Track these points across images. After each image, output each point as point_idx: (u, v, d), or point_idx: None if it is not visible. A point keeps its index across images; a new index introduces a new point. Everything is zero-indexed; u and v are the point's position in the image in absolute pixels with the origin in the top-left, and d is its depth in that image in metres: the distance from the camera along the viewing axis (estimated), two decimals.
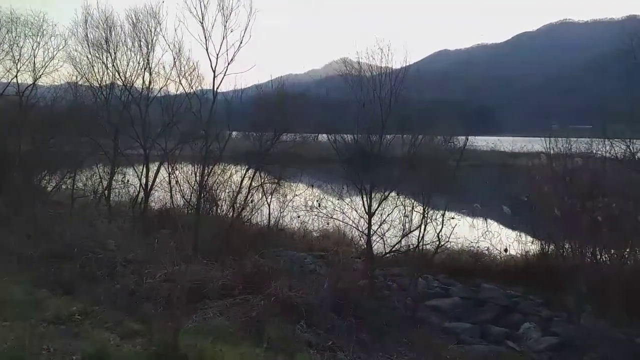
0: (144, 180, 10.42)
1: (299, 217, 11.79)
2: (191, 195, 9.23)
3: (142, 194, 10.52)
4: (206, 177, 8.77)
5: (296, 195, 12.09)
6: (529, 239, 10.46)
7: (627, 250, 8.03)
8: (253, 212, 10.20)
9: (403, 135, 9.99)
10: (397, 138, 10.91)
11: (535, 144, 11.21)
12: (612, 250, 8.25)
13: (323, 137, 11.28)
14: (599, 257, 8.29)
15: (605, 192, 8.95)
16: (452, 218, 12.56)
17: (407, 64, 8.77)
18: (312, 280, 6.69)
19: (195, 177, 9.11)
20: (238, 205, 9.04)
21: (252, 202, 10.01)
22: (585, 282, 6.95)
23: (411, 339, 6.29)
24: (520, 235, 10.78)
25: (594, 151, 9.54)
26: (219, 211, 9.27)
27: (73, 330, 4.82)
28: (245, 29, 8.69)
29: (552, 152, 10.36)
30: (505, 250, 10.38)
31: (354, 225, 8.39)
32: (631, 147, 8.13)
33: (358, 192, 8.40)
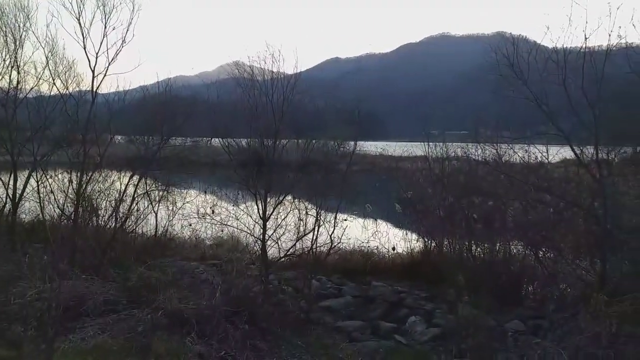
0: (11, 190, 9.34)
1: (190, 225, 11.35)
2: (64, 205, 8.44)
3: (9, 205, 9.42)
4: (84, 185, 8.09)
5: (187, 202, 11.63)
6: (414, 236, 11.07)
7: (497, 244, 8.85)
8: (138, 222, 9.60)
9: (298, 141, 10.11)
10: (291, 143, 11.01)
11: (419, 148, 11.96)
12: (485, 245, 9.07)
13: (217, 141, 11.02)
14: (474, 251, 9.09)
15: (478, 191, 9.85)
16: (345, 220, 12.97)
17: (299, 70, 8.89)
18: (204, 290, 6.47)
19: (72, 185, 8.36)
20: (121, 214, 8.46)
21: (137, 210, 9.43)
22: (462, 275, 7.53)
23: (305, 341, 6.36)
24: (406, 234, 11.39)
25: (468, 154, 10.42)
26: (99, 221, 8.59)
27: None
28: (128, 27, 8.21)
29: (432, 155, 11.18)
30: (393, 248, 10.93)
31: (248, 231, 8.28)
32: (498, 151, 9.02)
33: (253, 197, 8.29)
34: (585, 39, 6.62)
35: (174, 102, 9.89)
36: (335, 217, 8.27)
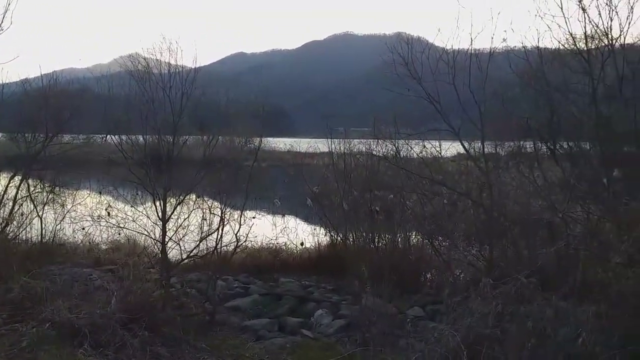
0: None
1: (83, 229, 10.54)
2: None
3: None
4: None
5: (79, 204, 10.78)
6: (322, 231, 11.23)
7: (398, 235, 9.26)
8: (22, 227, 8.73)
9: (204, 137, 9.80)
10: (195, 139, 10.63)
11: (325, 145, 12.15)
12: (387, 236, 9.45)
13: (112, 138, 10.35)
14: (377, 242, 9.43)
15: (380, 185, 10.23)
16: (254, 217, 12.80)
17: (200, 64, 8.60)
18: (98, 298, 6.04)
19: None
20: (1, 220, 7.63)
21: (20, 215, 8.56)
22: (366, 266, 7.76)
23: (210, 343, 6.19)
24: (314, 229, 11.53)
25: (370, 150, 10.79)
26: None
27: None
28: (5, 14, 7.41)
29: (337, 151, 11.46)
30: (302, 243, 11.02)
31: (146, 233, 7.87)
32: (396, 147, 9.46)
33: (152, 197, 7.88)
34: (471, 41, 7.11)
35: (60, 96, 9.08)
36: (241, 215, 8.12)
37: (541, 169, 7.82)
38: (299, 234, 11.43)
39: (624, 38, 5.36)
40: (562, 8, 5.48)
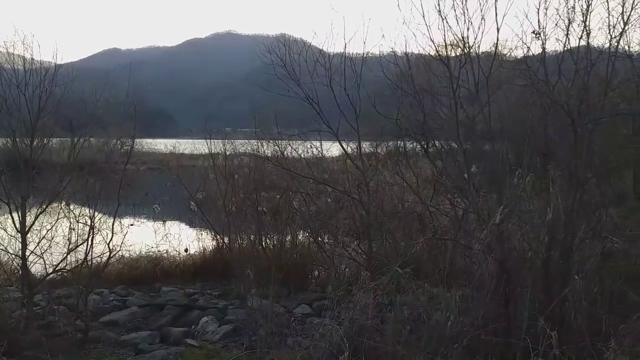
0: None
1: None
2: None
3: None
4: None
5: None
6: (208, 236, 10.94)
7: (286, 235, 9.34)
8: None
9: (75, 139, 9.00)
10: (61, 142, 9.71)
11: (211, 145, 11.80)
12: (275, 237, 9.48)
13: None
14: (264, 243, 9.42)
15: (266, 186, 10.24)
16: (132, 225, 12.04)
17: (65, 60, 7.87)
18: None
19: None
20: None
21: None
22: (252, 268, 7.69)
23: None
24: (200, 233, 11.19)
25: (256, 151, 10.75)
26: None
27: None
28: None
29: (222, 152, 11.25)
30: (186, 250, 10.60)
31: (3, 248, 7.00)
32: (279, 147, 9.56)
33: (10, 207, 7.01)
34: (345, 44, 7.43)
35: None
36: (114, 223, 7.58)
37: (411, 167, 8.41)
38: (182, 240, 11.02)
39: (479, 47, 5.96)
40: (424, 17, 5.94)
